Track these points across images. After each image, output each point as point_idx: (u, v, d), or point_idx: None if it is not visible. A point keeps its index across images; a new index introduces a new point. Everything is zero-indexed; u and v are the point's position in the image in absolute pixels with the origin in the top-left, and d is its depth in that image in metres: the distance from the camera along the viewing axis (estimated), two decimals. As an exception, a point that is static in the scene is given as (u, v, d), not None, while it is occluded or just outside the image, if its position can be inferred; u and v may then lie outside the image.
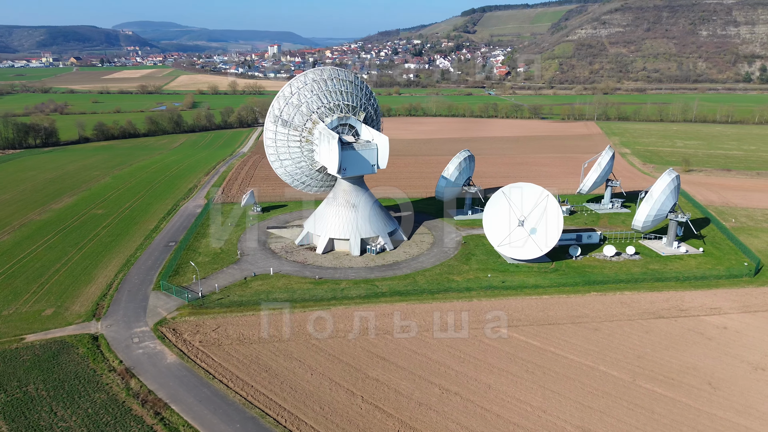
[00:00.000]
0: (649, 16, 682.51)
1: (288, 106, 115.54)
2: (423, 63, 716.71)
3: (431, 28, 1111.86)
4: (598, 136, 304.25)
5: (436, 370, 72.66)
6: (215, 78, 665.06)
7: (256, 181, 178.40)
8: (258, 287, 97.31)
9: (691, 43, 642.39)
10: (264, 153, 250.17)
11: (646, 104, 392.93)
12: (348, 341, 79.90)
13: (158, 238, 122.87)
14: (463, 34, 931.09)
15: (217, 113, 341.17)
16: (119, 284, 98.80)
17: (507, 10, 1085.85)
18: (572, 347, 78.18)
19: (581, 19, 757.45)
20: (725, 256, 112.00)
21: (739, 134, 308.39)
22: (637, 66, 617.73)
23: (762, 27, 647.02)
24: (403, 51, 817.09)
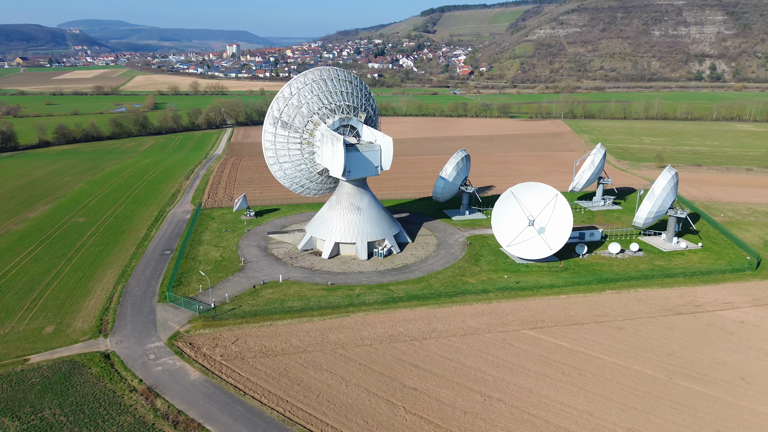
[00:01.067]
0: (604, 17, 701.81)
1: (288, 108, 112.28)
2: (386, 62, 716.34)
3: (391, 27, 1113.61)
4: (569, 134, 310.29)
5: (472, 376, 71.32)
6: (174, 78, 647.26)
7: (240, 184, 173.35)
8: (270, 296, 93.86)
9: (645, 42, 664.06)
10: (241, 155, 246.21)
11: (610, 102, 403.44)
12: (375, 349, 77.70)
13: (151, 246, 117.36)
14: (424, 34, 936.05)
15: (184, 114, 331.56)
16: (120, 297, 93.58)
17: (465, 10, 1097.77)
18: (601, 347, 78.22)
19: (540, 20, 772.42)
20: (723, 251, 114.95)
21: (700, 131, 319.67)
22: (594, 65, 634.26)
23: (710, 27, 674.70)
24: (365, 51, 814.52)
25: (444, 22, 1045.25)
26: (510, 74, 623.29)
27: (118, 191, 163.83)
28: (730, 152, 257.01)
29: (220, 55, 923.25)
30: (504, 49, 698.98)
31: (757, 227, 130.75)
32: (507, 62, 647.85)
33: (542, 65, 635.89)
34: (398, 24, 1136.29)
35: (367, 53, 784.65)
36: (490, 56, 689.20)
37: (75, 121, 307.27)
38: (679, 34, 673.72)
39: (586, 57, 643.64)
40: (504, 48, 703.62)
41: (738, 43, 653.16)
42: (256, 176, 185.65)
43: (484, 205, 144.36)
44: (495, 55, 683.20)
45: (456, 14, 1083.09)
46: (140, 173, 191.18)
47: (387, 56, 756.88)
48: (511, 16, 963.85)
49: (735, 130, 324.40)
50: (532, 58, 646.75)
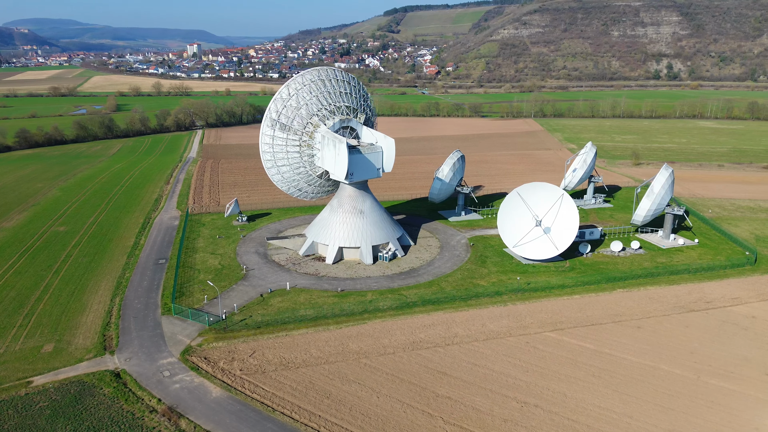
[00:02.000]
0: (565, 17, 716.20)
1: (286, 109, 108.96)
2: (352, 62, 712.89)
3: (354, 27, 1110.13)
4: (542, 133, 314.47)
5: (504, 382, 70.08)
6: (135, 79, 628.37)
7: (225, 188, 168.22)
8: (279, 304, 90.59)
9: (605, 43, 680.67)
10: (217, 157, 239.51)
11: (578, 101, 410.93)
12: (399, 357, 75.64)
13: (143, 255, 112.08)
14: (388, 34, 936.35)
15: (152, 116, 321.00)
16: (120, 310, 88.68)
17: (428, 10, 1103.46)
18: (625, 347, 78.19)
19: (503, 20, 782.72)
20: (719, 247, 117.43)
21: (666, 128, 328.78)
22: (558, 65, 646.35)
23: (666, 27, 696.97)
24: (330, 50, 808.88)
25: (407, 22, 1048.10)
26: (476, 74, 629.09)
27: (96, 197, 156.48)
28: (698, 149, 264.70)
29: (180, 55, 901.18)
30: (469, 49, 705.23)
31: (745, 222, 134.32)
32: (473, 62, 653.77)
33: (507, 65, 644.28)
34: (362, 24, 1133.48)
35: (332, 53, 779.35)
36: (456, 56, 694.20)
37: (35, 124, 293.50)
38: (637, 34, 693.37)
39: (549, 57, 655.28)
40: (469, 48, 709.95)
41: (692, 43, 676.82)
42: (239, 179, 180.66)
43: (478, 205, 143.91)
44: (461, 55, 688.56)
45: (419, 14, 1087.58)
46: (116, 178, 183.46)
47: (353, 56, 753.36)
48: (473, 16, 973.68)
49: (699, 127, 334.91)
50: (497, 57, 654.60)
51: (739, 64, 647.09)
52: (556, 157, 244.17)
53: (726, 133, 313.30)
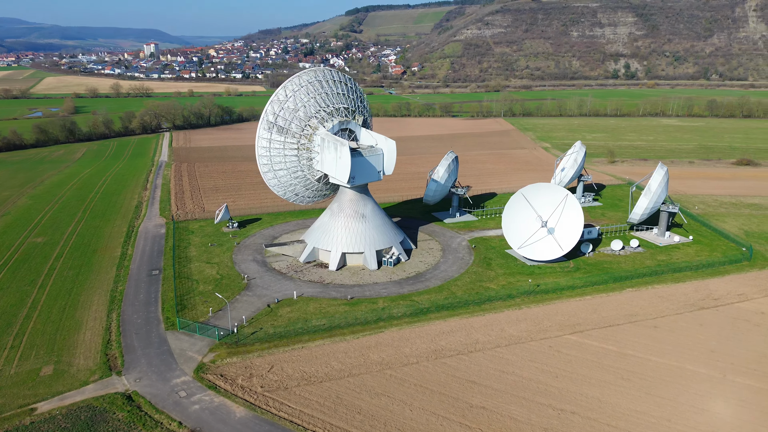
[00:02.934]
0: (526, 18, 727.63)
1: (284, 111, 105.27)
2: (317, 62, 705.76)
3: (316, 27, 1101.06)
4: (514, 132, 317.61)
5: (535, 389, 68.78)
6: (90, 80, 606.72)
7: (206, 193, 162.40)
8: (289, 315, 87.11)
9: (565, 43, 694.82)
10: (190, 160, 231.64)
11: (546, 100, 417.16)
12: (425, 367, 73.46)
13: (134, 266, 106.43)
14: (351, 34, 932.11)
15: (116, 119, 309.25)
16: (119, 326, 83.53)
17: (390, 10, 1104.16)
18: (646, 348, 78.10)
19: (466, 20, 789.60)
20: (713, 243, 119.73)
21: (632, 126, 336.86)
22: (521, 65, 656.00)
23: (622, 28, 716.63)
24: (293, 50, 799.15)
25: (369, 22, 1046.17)
26: (441, 74, 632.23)
27: (71, 205, 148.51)
28: (666, 146, 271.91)
29: (136, 55, 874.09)
30: (433, 49, 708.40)
31: (732, 218, 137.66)
32: (438, 62, 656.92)
33: (471, 65, 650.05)
34: (323, 23, 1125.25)
35: (296, 53, 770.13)
36: (421, 56, 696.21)
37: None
38: (595, 34, 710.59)
39: (512, 57, 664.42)
40: (433, 48, 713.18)
41: (648, 43, 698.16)
42: (220, 183, 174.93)
43: (468, 206, 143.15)
44: (425, 55, 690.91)
45: (381, 14, 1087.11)
46: (88, 185, 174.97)
47: (316, 56, 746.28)
48: (435, 16, 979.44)
49: (663, 124, 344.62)
50: (462, 57, 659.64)
51: (692, 64, 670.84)
52: (532, 156, 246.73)
53: (689, 130, 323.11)
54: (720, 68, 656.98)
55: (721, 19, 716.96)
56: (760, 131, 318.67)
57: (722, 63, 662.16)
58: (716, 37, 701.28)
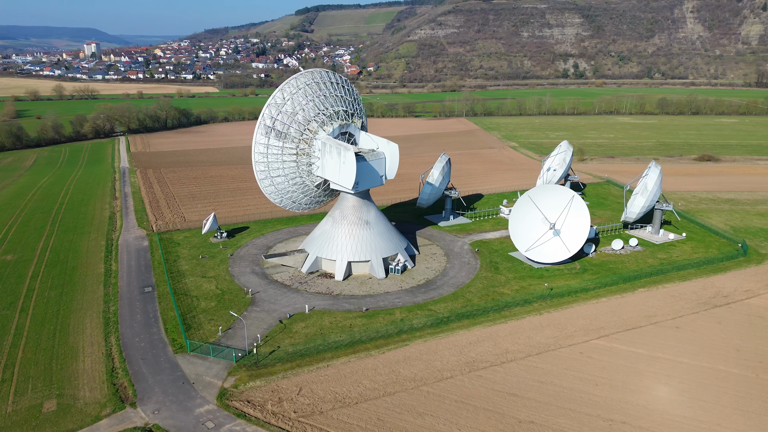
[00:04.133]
0: (478, 18, 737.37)
1: (282, 115, 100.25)
2: (270, 62, 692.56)
3: (266, 26, 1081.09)
4: (480, 132, 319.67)
5: (579, 399, 67.08)
6: (29, 82, 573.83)
7: (183, 201, 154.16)
8: (304, 330, 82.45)
9: (516, 43, 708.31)
10: (155, 166, 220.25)
11: (506, 99, 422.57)
12: (461, 381, 70.61)
13: (123, 284, 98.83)
14: (303, 33, 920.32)
15: (66, 123, 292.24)
16: (121, 352, 76.76)
17: (341, 9, 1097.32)
18: (674, 350, 77.91)
19: (419, 20, 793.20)
20: (705, 240, 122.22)
21: (592, 124, 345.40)
22: (475, 65, 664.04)
23: (570, 29, 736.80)
24: (244, 50, 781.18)
25: (320, 22, 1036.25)
26: (397, 74, 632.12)
27: (35, 219, 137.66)
28: (628, 143, 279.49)
29: (76, 55, 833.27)
30: (388, 49, 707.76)
31: (715, 214, 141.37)
32: (393, 62, 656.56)
33: (427, 65, 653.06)
34: (273, 23, 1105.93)
35: (247, 53, 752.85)
36: (376, 56, 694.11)
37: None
38: (545, 35, 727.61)
39: (466, 57, 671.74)
40: (388, 48, 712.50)
41: (594, 44, 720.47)
42: (195, 190, 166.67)
43: (462, 208, 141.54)
44: (380, 55, 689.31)
45: (332, 14, 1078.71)
46: (49, 195, 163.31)
47: (269, 56, 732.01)
48: (386, 16, 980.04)
49: (619, 122, 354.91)
50: (417, 58, 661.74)
51: (636, 63, 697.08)
52: (503, 156, 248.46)
53: (644, 127, 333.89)
54: (662, 67, 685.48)
55: (661, 20, 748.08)
56: (710, 128, 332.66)
57: (664, 62, 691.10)
58: (657, 37, 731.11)
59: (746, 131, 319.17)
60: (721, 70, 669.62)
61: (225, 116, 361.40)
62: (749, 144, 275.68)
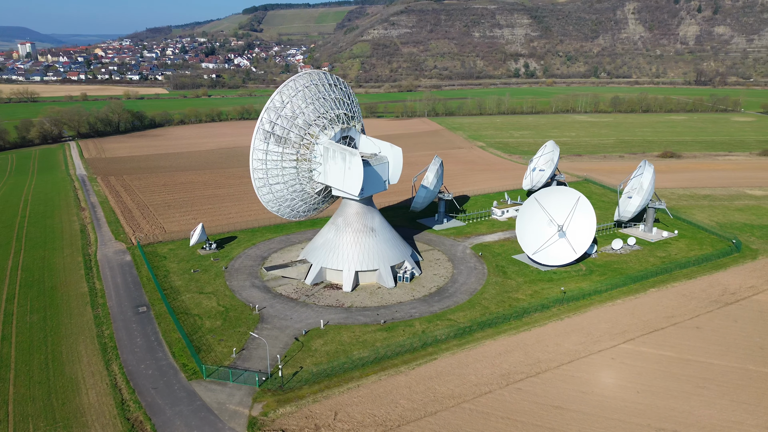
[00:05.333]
0: (430, 19, 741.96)
1: (281, 119, 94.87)
2: (220, 62, 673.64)
3: (212, 25, 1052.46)
4: (445, 132, 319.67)
5: (625, 408, 65.51)
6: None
7: (158, 210, 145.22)
8: (324, 348, 77.77)
9: (468, 43, 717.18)
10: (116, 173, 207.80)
11: (467, 99, 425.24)
12: (501, 395, 67.84)
13: (112, 304, 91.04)
14: (252, 33, 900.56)
15: (11, 128, 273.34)
16: (128, 381, 70.00)
17: (290, 9, 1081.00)
18: (701, 351, 77.77)
19: (371, 20, 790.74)
20: (696, 236, 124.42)
21: (551, 123, 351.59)
22: (429, 64, 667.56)
23: (519, 30, 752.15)
24: (191, 49, 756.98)
25: (269, 21, 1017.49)
26: (353, 74, 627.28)
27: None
28: (590, 142, 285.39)
29: (8, 56, 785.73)
30: (342, 48, 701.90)
31: (697, 210, 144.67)
32: (348, 62, 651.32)
33: (382, 65, 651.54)
34: (220, 22, 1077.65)
35: (196, 52, 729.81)
36: (330, 56, 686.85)
37: None
38: (495, 35, 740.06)
39: (420, 57, 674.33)
40: (342, 48, 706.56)
41: (543, 44, 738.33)
42: (168, 198, 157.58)
43: (455, 211, 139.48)
44: (335, 55, 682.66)
45: (281, 13, 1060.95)
46: (7, 207, 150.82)
47: (218, 55, 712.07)
48: (337, 15, 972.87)
49: (578, 121, 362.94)
50: (372, 57, 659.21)
51: (583, 63, 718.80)
52: (475, 156, 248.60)
53: (602, 125, 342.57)
54: (607, 67, 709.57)
55: (605, 21, 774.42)
56: (662, 125, 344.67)
57: (609, 62, 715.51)
58: (602, 38, 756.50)
59: (697, 128, 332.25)
60: (662, 69, 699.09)
61: (181, 119, 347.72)
62: (703, 140, 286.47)
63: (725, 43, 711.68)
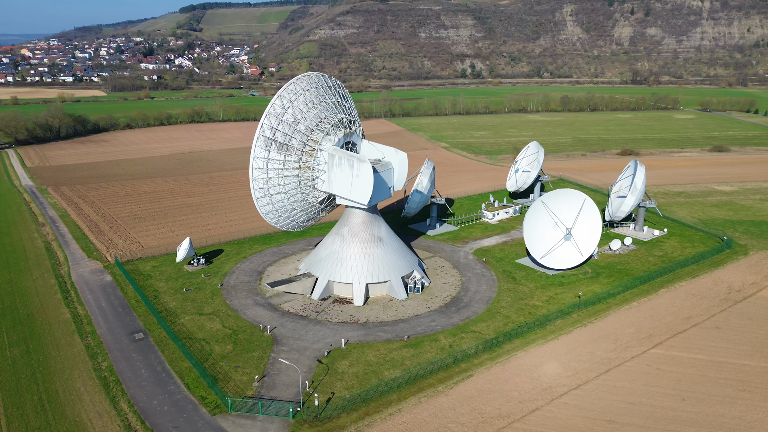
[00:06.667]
0: (376, 19, 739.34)
1: (282, 125, 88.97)
2: (160, 63, 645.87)
3: (147, 24, 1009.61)
4: (406, 133, 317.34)
5: (676, 418, 64.13)
6: None
7: (128, 222, 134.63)
8: (351, 370, 72.72)
9: (415, 44, 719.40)
10: (67, 182, 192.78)
11: (422, 100, 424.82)
12: (551, 412, 65.05)
13: (103, 332, 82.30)
14: (191, 32, 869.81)
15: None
16: (142, 420, 62.68)
17: (230, 8, 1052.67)
18: (729, 352, 77.89)
19: (317, 20, 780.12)
20: (685, 234, 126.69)
21: (508, 122, 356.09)
22: (377, 65, 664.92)
23: (464, 30, 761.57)
24: (128, 49, 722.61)
25: (209, 20, 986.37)
26: (301, 74, 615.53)
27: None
28: (549, 140, 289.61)
29: None
30: (288, 49, 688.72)
31: (677, 207, 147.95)
32: (295, 62, 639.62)
33: (330, 65, 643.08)
34: (155, 21, 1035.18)
35: (133, 52, 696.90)
36: (276, 56, 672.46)
37: None
38: (441, 36, 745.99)
39: (368, 57, 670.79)
40: (288, 48, 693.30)
41: (487, 45, 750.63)
42: (136, 210, 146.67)
43: (444, 215, 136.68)
44: (281, 55, 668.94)
45: (220, 12, 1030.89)
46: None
47: (158, 56, 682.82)
48: (279, 15, 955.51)
49: (532, 120, 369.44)
50: (319, 58, 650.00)
51: (526, 63, 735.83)
52: (441, 157, 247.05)
53: (556, 124, 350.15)
54: (549, 67, 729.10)
55: (545, 22, 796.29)
56: (612, 123, 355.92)
57: (550, 62, 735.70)
58: (543, 39, 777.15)
59: (644, 125, 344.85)
60: (600, 69, 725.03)
61: (128, 122, 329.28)
62: (653, 137, 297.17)
63: (657, 44, 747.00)
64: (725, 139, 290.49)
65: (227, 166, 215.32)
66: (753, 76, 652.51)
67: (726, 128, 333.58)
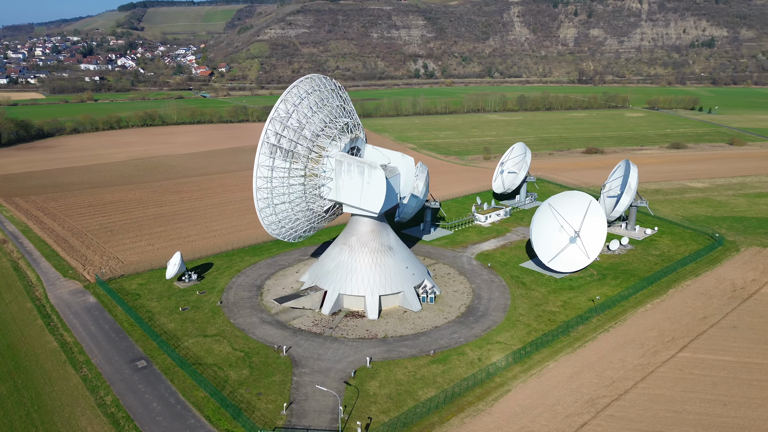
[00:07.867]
0: (328, 19, 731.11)
1: (287, 131, 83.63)
2: (102, 63, 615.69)
3: (84, 22, 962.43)
4: (371, 134, 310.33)
5: (724, 425, 63.14)
6: None
7: (99, 236, 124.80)
8: (383, 390, 68.37)
9: (368, 44, 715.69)
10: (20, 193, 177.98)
11: (383, 100, 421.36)
12: (599, 425, 62.85)
13: (98, 361, 74.63)
14: (133, 31, 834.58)
15: None
16: (166, 464, 56.34)
17: (172, 6, 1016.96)
18: (753, 352, 78.16)
19: (267, 19, 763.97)
20: (674, 232, 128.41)
21: (468, 123, 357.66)
22: (330, 65, 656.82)
23: (415, 31, 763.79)
24: (65, 49, 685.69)
25: (151, 19, 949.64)
26: (252, 75, 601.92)
27: None
28: (513, 140, 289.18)
29: None
30: (238, 49, 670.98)
31: (657, 205, 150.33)
32: (245, 62, 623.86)
33: (282, 65, 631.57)
34: (92, 19, 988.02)
35: (71, 52, 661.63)
36: (226, 56, 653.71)
37: None
38: (393, 36, 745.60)
39: (321, 57, 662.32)
40: (237, 48, 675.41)
41: (439, 45, 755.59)
42: (106, 222, 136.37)
43: (436, 219, 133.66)
44: (231, 55, 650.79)
45: (163, 11, 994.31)
46: None
47: (98, 56, 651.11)
48: (225, 14, 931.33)
49: (493, 120, 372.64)
50: (271, 58, 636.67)
51: (477, 63, 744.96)
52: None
53: (516, 124, 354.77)
54: (499, 67, 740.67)
55: (493, 23, 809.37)
56: (569, 122, 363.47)
57: (500, 62, 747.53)
58: (492, 39, 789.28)
59: (599, 124, 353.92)
60: (547, 69, 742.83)
61: (74, 127, 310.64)
62: (611, 135, 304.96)
63: (600, 45, 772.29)
64: (678, 136, 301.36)
65: (192, 171, 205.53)
66: (690, 74, 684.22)
67: (676, 125, 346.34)
